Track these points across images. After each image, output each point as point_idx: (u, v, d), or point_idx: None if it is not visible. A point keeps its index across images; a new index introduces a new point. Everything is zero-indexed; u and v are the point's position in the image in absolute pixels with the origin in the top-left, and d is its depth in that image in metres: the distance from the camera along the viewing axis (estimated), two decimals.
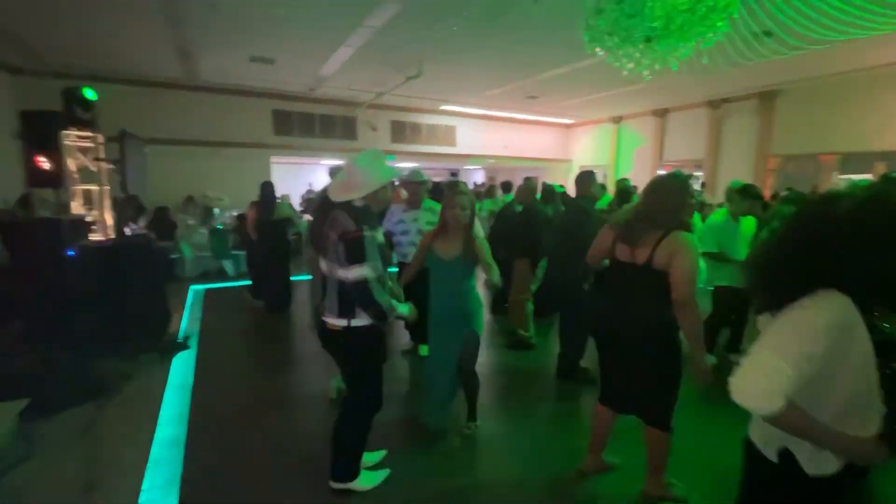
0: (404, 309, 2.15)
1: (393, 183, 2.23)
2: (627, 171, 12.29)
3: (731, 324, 3.88)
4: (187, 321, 5.06)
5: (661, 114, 11.41)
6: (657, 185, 2.12)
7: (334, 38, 6.35)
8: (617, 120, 12.64)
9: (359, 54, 6.93)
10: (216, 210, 8.44)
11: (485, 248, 2.51)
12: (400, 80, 8.26)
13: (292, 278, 5.60)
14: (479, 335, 2.66)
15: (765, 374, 0.98)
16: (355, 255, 1.93)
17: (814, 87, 8.60)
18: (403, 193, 4.01)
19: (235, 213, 8.00)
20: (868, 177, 9.78)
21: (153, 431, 2.83)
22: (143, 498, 2.24)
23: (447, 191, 2.61)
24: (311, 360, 4.02)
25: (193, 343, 4.33)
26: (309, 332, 4.89)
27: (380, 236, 2.15)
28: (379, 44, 6.41)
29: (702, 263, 3.24)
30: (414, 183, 3.70)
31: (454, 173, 16.74)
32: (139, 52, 7.04)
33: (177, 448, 2.66)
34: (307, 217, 9.77)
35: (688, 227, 2.04)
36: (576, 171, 13.20)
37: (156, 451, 2.63)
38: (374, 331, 2.11)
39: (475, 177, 17.61)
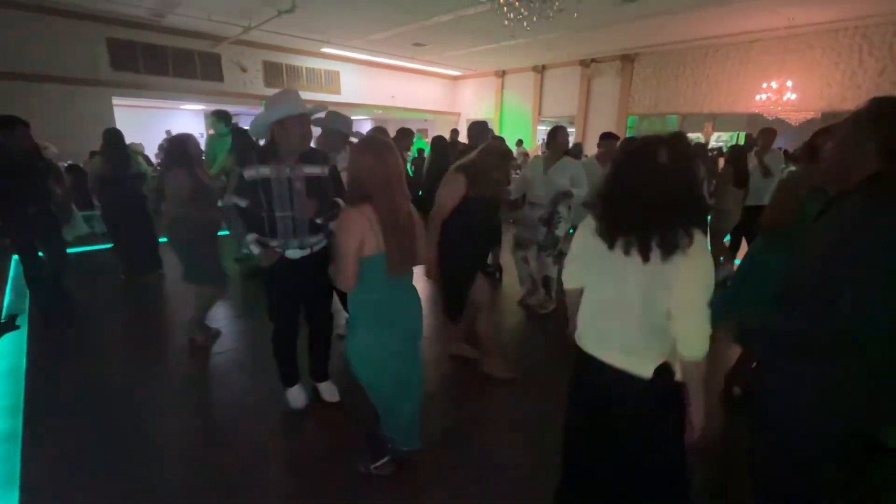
0: (248, 246, 2.27)
1: (286, 121, 2.11)
2: (510, 126, 12.88)
3: None
4: (10, 297, 4.17)
5: (540, 70, 11.98)
6: (484, 147, 2.65)
7: None
8: (500, 74, 12.96)
9: None
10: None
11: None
12: (271, 14, 7.33)
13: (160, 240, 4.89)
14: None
15: (707, 326, 1.23)
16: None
17: (662, 54, 9.73)
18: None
19: (66, 165, 6.59)
20: (699, 135, 11.58)
21: None
22: None
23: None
24: (173, 330, 3.61)
25: (23, 321, 3.60)
26: (175, 298, 4.40)
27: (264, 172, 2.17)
28: None
29: None
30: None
31: None
32: None
33: (13, 444, 2.24)
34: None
35: (481, 176, 2.52)
36: (464, 124, 13.33)
37: None
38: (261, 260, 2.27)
39: (363, 128, 16.87)
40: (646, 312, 1.27)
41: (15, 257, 5.18)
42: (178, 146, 3.28)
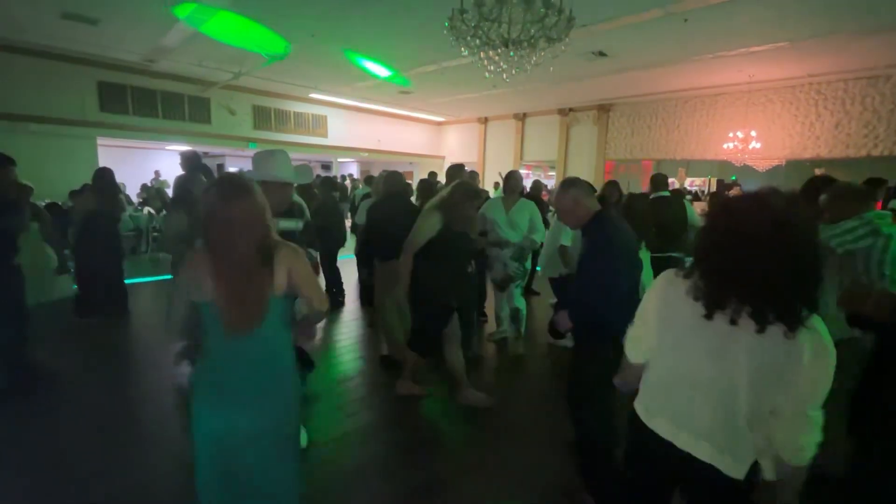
0: None
1: (269, 184, 2.18)
2: (492, 170, 13.27)
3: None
4: None
5: (521, 117, 12.52)
6: (454, 185, 2.85)
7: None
8: (483, 120, 13.49)
9: None
10: None
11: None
12: (262, 61, 7.60)
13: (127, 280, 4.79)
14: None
15: (819, 432, 1.05)
16: None
17: (636, 104, 10.29)
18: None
19: (44, 203, 6.50)
20: (673, 180, 12.10)
21: None
22: None
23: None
24: (143, 372, 3.47)
25: None
26: (142, 340, 4.27)
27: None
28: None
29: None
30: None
31: (326, 166, 16.12)
32: None
33: None
34: (148, 209, 8.46)
35: (452, 211, 2.73)
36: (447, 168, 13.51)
37: None
38: None
39: (349, 170, 17.17)
40: (753, 401, 1.05)
41: None
42: (181, 187, 3.29)
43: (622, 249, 2.00)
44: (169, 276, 3.44)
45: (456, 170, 4.23)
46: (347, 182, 13.74)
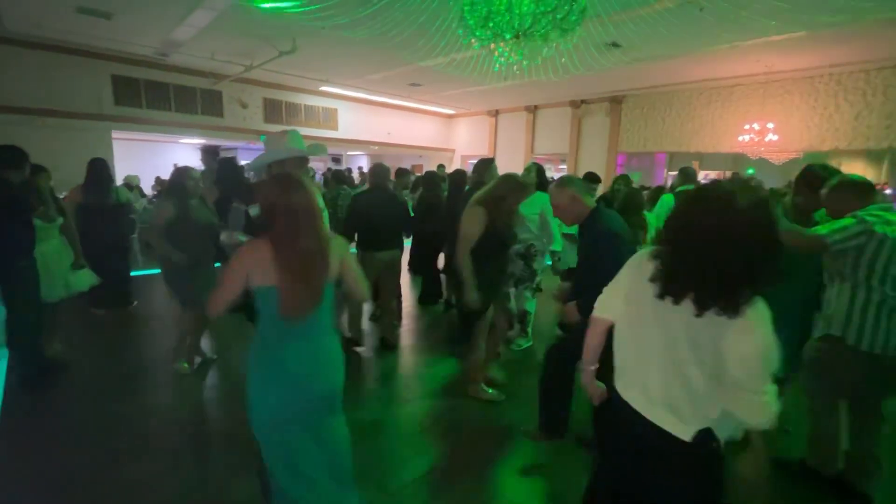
0: None
1: (287, 162, 2.18)
2: (503, 162, 13.20)
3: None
4: None
5: (532, 109, 12.39)
6: (501, 177, 2.84)
7: None
8: (494, 113, 13.38)
9: (221, 20, 6.19)
10: None
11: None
12: (273, 55, 7.61)
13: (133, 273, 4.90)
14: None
15: (768, 401, 1.11)
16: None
17: (649, 96, 10.12)
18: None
19: (61, 196, 6.62)
20: None
21: None
22: None
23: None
24: (150, 365, 3.54)
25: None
26: (149, 331, 4.35)
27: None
28: (246, 10, 5.80)
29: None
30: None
31: (336, 159, 16.16)
32: None
33: None
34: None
35: (497, 204, 2.70)
36: (458, 160, 13.54)
37: None
38: None
39: (359, 163, 17.19)
40: (694, 372, 1.15)
41: None
42: (174, 178, 3.33)
43: (623, 238, 2.10)
44: (157, 271, 3.44)
45: (485, 165, 3.94)
46: (356, 174, 13.76)
